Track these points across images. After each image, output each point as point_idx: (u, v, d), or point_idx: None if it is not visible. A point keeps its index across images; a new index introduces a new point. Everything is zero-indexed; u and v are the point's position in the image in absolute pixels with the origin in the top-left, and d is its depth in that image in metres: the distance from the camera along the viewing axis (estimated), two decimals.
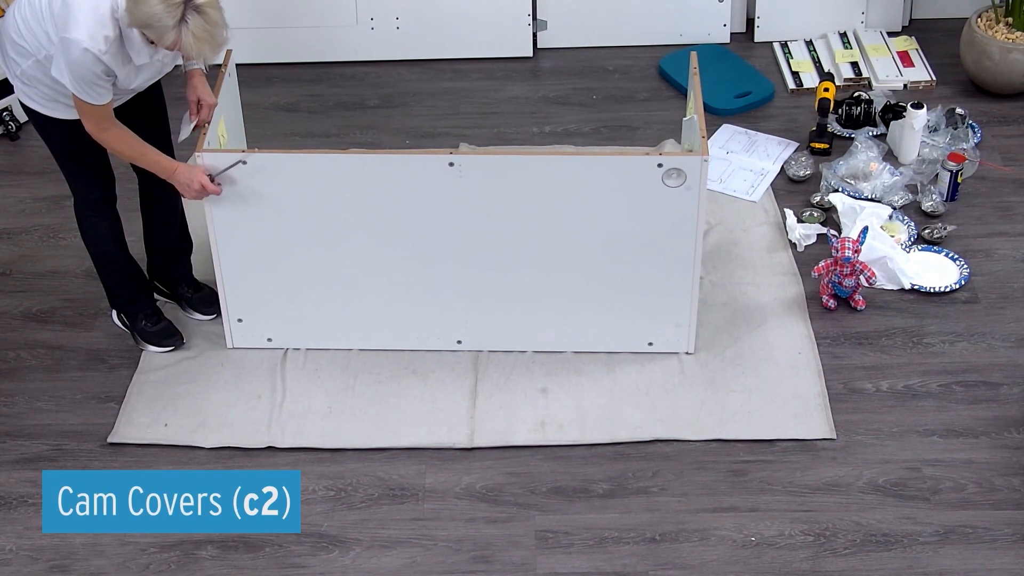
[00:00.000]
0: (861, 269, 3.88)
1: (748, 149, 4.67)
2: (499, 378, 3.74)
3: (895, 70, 5.00)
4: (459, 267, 3.66)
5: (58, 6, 3.22)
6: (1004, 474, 3.42)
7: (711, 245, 4.20)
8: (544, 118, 4.89)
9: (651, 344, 3.79)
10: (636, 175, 3.46)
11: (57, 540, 3.32)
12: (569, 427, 3.59)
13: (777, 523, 3.32)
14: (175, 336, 3.88)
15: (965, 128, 4.59)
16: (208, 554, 3.28)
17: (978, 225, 4.27)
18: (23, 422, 3.67)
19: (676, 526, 3.32)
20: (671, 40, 5.25)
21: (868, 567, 3.20)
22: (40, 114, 3.47)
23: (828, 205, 4.35)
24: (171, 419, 3.64)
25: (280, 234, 3.61)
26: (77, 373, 3.82)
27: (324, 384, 3.74)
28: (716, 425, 3.58)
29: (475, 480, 3.46)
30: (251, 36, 5.09)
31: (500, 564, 3.25)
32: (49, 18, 3.25)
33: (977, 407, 3.62)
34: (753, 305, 3.97)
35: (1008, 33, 4.75)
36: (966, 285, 4.03)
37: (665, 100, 4.97)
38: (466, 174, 3.48)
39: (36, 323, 4.00)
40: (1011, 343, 3.83)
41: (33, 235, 4.35)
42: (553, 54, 5.25)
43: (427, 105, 4.98)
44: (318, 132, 4.84)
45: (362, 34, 5.16)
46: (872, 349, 3.82)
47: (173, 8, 3.09)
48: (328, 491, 3.44)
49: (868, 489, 3.40)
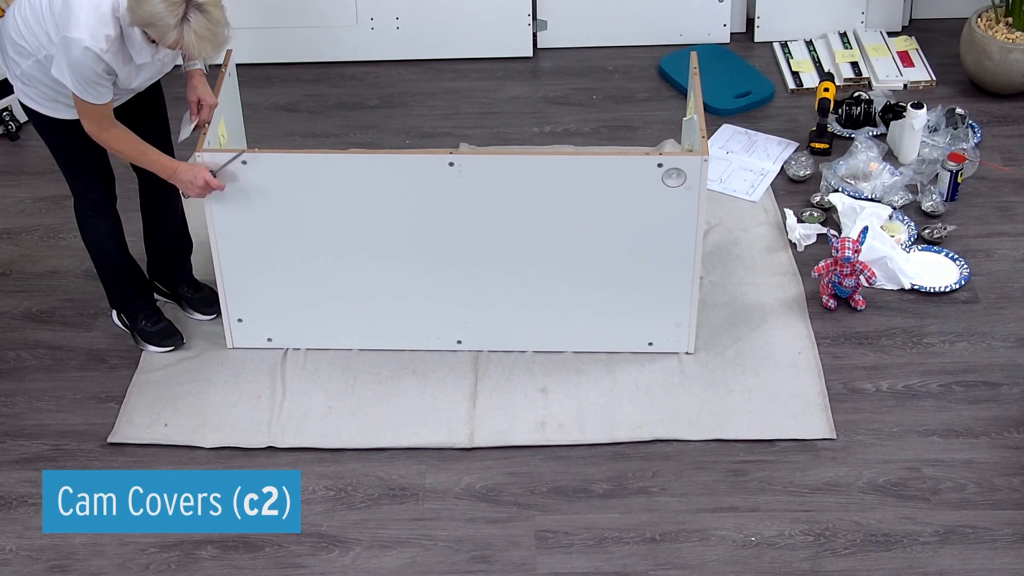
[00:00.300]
0: (861, 269, 3.88)
1: (748, 149, 4.67)
2: (499, 378, 3.74)
3: (895, 70, 5.00)
4: (459, 267, 3.66)
5: (59, 5, 3.22)
6: (1004, 474, 3.42)
7: (711, 245, 4.20)
8: (544, 118, 4.89)
9: (651, 344, 3.79)
10: (636, 175, 3.46)
11: (57, 540, 3.32)
12: (569, 427, 3.59)
13: (777, 523, 3.32)
14: (175, 336, 3.88)
15: (965, 128, 4.59)
16: (208, 554, 3.28)
17: (978, 225, 4.27)
18: (23, 422, 3.67)
19: (676, 526, 3.32)
20: (671, 40, 5.25)
21: (868, 567, 3.20)
22: (40, 114, 3.47)
23: (828, 205, 4.35)
24: (171, 419, 3.64)
25: (280, 234, 3.61)
26: (77, 373, 3.82)
27: (324, 384, 3.74)
28: (716, 425, 3.58)
29: (475, 480, 3.46)
30: (251, 36, 5.09)
31: (500, 564, 3.25)
32: (50, 18, 3.25)
33: (977, 407, 3.62)
34: (753, 305, 3.97)
35: (1008, 33, 4.75)
36: (966, 285, 4.03)
37: (665, 100, 4.97)
38: (466, 174, 3.48)
39: (36, 323, 4.00)
40: (1011, 343, 3.83)
41: (33, 235, 4.35)
42: (553, 54, 5.25)
43: (427, 105, 4.98)
44: (318, 132, 4.84)
45: (362, 34, 5.16)
46: (872, 349, 3.82)
47: (175, 7, 3.09)
48: (328, 491, 3.44)
49: (868, 489, 3.40)
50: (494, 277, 3.67)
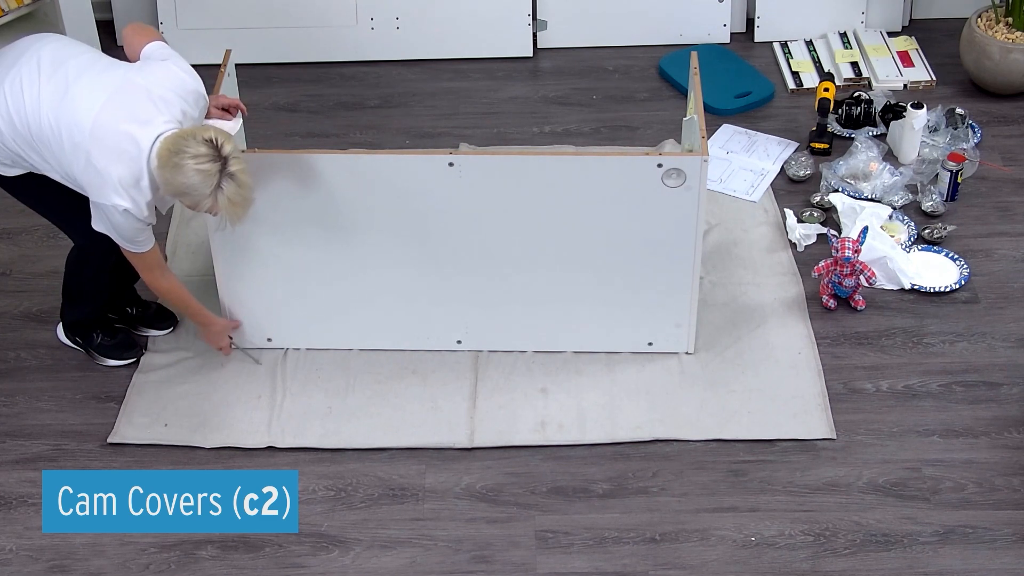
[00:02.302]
0: (861, 269, 3.88)
1: (748, 149, 4.67)
2: (499, 378, 3.74)
3: (895, 70, 5.00)
4: (459, 267, 3.66)
5: (83, 163, 3.20)
6: (1004, 474, 3.42)
7: (711, 245, 4.20)
8: (544, 118, 4.89)
9: (651, 344, 3.79)
10: (636, 175, 3.46)
11: (57, 540, 3.32)
12: (569, 427, 3.59)
13: (777, 523, 3.32)
14: (135, 347, 3.85)
15: (965, 128, 4.59)
16: (208, 554, 3.28)
17: (978, 225, 4.27)
18: (23, 422, 3.67)
19: (676, 526, 3.32)
20: (671, 40, 5.25)
21: (868, 567, 3.20)
22: (4, 177, 3.42)
23: (828, 205, 4.35)
24: (171, 419, 3.64)
25: (280, 234, 3.61)
26: (77, 373, 3.82)
27: (324, 384, 3.74)
28: (716, 425, 3.58)
29: (475, 480, 3.46)
30: (251, 36, 5.09)
31: (500, 564, 3.25)
32: (56, 148, 3.24)
33: (977, 407, 3.62)
34: (753, 305, 3.97)
35: (1008, 33, 4.75)
36: (966, 285, 4.03)
37: (665, 100, 4.97)
38: (466, 174, 3.48)
39: (36, 323, 4.00)
40: (1011, 343, 3.83)
41: (33, 235, 4.35)
42: (553, 54, 5.25)
43: (427, 105, 4.98)
44: (318, 132, 4.84)
45: (362, 34, 5.16)
46: (872, 349, 3.82)
47: (210, 177, 3.13)
48: (328, 491, 3.44)
49: (868, 489, 3.40)
50: (494, 277, 3.67)
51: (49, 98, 3.22)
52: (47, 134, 3.23)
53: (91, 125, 3.17)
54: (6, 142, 3.29)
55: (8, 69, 3.28)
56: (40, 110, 3.22)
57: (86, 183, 3.23)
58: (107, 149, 3.17)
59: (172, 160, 3.12)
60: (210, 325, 3.70)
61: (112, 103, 3.19)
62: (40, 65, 3.27)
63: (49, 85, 3.23)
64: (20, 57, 3.30)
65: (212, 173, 3.13)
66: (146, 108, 3.21)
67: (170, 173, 3.13)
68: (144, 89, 3.23)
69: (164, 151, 3.14)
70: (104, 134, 3.17)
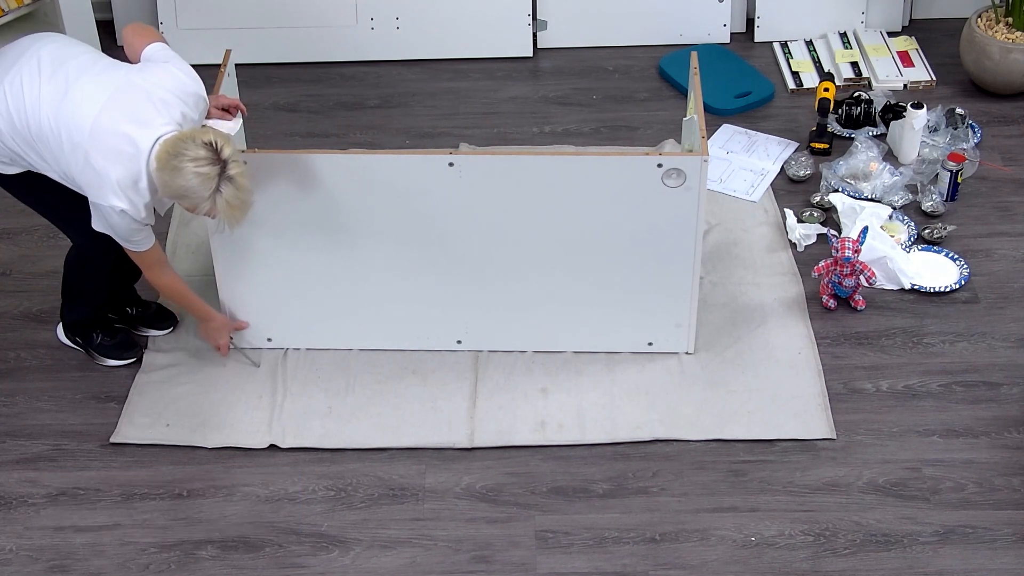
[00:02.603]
0: (861, 269, 3.88)
1: (748, 149, 4.67)
2: (499, 378, 3.74)
3: (895, 70, 5.00)
4: (459, 267, 3.66)
5: (80, 163, 3.21)
6: (1004, 474, 3.43)
7: (711, 245, 4.20)
8: (544, 118, 4.89)
9: (651, 344, 3.79)
10: (636, 175, 3.46)
11: (57, 540, 3.32)
12: (569, 427, 3.59)
13: (777, 523, 3.32)
14: (135, 347, 3.85)
15: (965, 128, 4.59)
16: (208, 554, 3.28)
17: (978, 225, 4.27)
18: (23, 422, 3.67)
19: (676, 526, 3.32)
20: (671, 40, 5.25)
21: (868, 567, 3.20)
22: (3, 175, 3.42)
23: (828, 205, 4.35)
24: (172, 419, 3.64)
25: (280, 234, 3.61)
26: (77, 373, 3.82)
27: (324, 384, 3.74)
28: (716, 425, 3.58)
29: (475, 480, 3.46)
30: (251, 36, 5.10)
31: (500, 564, 3.25)
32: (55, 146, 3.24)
33: (977, 407, 3.62)
34: (753, 305, 3.97)
35: (1008, 33, 4.75)
36: (966, 285, 4.03)
37: (665, 100, 4.97)
38: (466, 174, 3.48)
39: (36, 323, 4.00)
40: (1011, 343, 3.83)
41: (33, 235, 4.35)
42: (553, 54, 5.25)
43: (427, 105, 4.98)
44: (318, 132, 4.84)
45: (362, 34, 5.16)
46: (872, 349, 3.82)
47: (209, 181, 3.13)
48: (328, 491, 3.44)
49: (868, 489, 3.40)
50: (494, 277, 3.67)
51: (49, 98, 3.22)
52: (46, 134, 3.23)
53: (90, 125, 3.18)
54: (5, 141, 3.29)
55: (8, 68, 3.28)
56: (40, 110, 3.22)
57: (84, 183, 3.23)
58: (106, 150, 3.17)
59: (171, 163, 3.12)
60: (210, 320, 3.70)
61: (112, 104, 3.20)
62: (40, 65, 3.27)
63: (49, 85, 3.23)
64: (20, 56, 3.30)
65: (211, 176, 3.13)
66: (146, 110, 3.21)
67: (169, 176, 3.13)
68: (144, 90, 3.24)
69: (163, 153, 3.15)
70: (103, 135, 3.17)
